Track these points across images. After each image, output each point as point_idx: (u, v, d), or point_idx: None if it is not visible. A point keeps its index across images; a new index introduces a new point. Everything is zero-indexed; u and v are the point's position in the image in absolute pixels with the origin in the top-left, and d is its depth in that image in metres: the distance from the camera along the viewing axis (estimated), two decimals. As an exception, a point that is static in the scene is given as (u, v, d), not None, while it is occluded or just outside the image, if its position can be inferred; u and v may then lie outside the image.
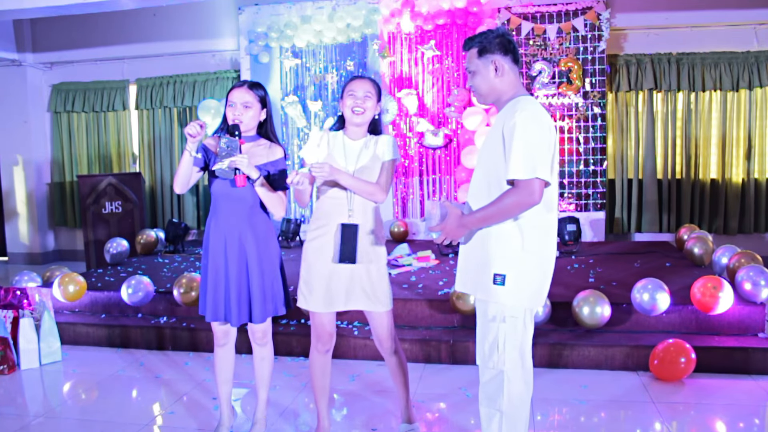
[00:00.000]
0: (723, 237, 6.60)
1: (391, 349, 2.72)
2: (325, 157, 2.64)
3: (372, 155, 2.63)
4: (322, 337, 2.69)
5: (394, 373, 2.79)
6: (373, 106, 2.61)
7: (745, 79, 6.45)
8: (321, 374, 2.76)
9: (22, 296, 4.04)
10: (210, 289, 2.67)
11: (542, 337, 3.81)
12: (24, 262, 7.98)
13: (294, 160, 7.26)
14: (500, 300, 2.13)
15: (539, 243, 2.14)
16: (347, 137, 2.67)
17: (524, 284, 2.13)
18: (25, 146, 7.97)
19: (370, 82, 2.62)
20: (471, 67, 2.24)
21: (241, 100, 2.61)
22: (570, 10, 6.56)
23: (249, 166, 2.51)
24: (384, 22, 6.87)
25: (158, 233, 6.61)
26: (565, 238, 5.77)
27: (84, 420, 3.19)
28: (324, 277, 2.59)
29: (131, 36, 7.75)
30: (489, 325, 2.17)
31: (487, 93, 2.23)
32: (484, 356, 2.19)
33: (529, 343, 2.21)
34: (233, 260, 2.64)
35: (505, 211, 2.06)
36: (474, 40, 2.24)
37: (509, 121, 2.07)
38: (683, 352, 3.40)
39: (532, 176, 2.01)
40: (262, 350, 2.82)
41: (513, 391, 2.17)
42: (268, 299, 2.69)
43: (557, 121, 6.64)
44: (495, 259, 2.13)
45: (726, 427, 2.98)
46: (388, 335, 2.68)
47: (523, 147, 2.02)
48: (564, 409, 3.20)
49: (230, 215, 2.65)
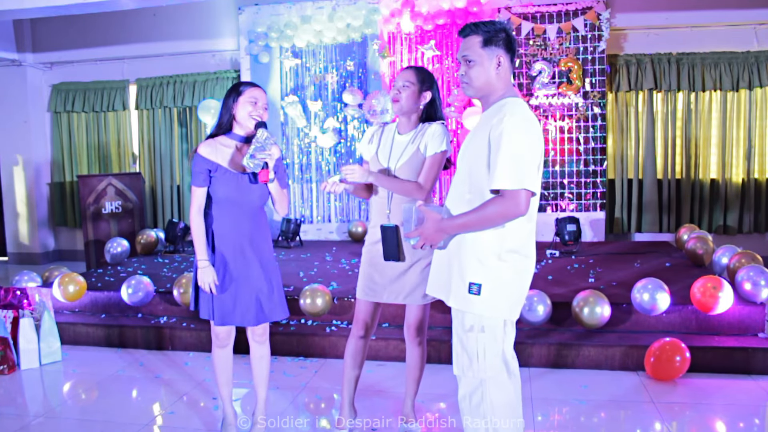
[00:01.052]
0: (723, 237, 6.60)
1: (417, 340, 2.75)
2: (372, 153, 2.68)
3: (415, 150, 2.59)
4: (358, 322, 2.76)
5: (412, 367, 2.82)
6: (411, 95, 2.57)
7: (745, 79, 6.45)
8: (353, 362, 2.79)
9: (22, 296, 4.04)
10: (222, 294, 2.67)
11: (542, 337, 3.81)
12: (24, 262, 7.97)
13: (294, 160, 7.26)
14: (476, 311, 2.05)
15: (517, 253, 2.06)
16: (398, 131, 2.67)
17: (500, 295, 2.05)
18: (25, 146, 7.97)
19: (413, 71, 2.59)
20: (472, 56, 2.09)
21: (263, 100, 2.64)
22: (570, 10, 6.56)
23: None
24: (384, 22, 6.87)
25: (158, 233, 6.61)
26: (565, 238, 5.77)
27: (84, 420, 3.19)
28: (374, 271, 2.66)
29: (131, 36, 7.74)
30: (467, 335, 2.09)
31: (481, 87, 2.11)
32: (463, 366, 2.10)
33: (511, 347, 2.14)
34: (246, 263, 2.66)
35: (488, 220, 1.99)
36: (479, 28, 2.10)
37: (497, 126, 1.99)
38: (678, 351, 3.41)
39: (519, 187, 1.94)
40: (261, 348, 2.83)
41: (498, 399, 2.09)
42: (278, 301, 2.74)
43: (557, 121, 6.64)
44: (471, 267, 2.05)
45: (726, 427, 2.98)
46: (415, 325, 2.72)
47: (510, 156, 1.94)
48: (564, 409, 3.20)
49: (239, 220, 2.65)
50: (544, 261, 5.43)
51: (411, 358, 2.81)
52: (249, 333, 2.81)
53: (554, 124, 6.65)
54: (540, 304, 3.82)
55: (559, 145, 6.67)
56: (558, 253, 5.71)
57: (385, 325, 4.11)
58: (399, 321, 4.12)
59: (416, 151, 2.58)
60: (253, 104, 2.61)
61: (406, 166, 2.58)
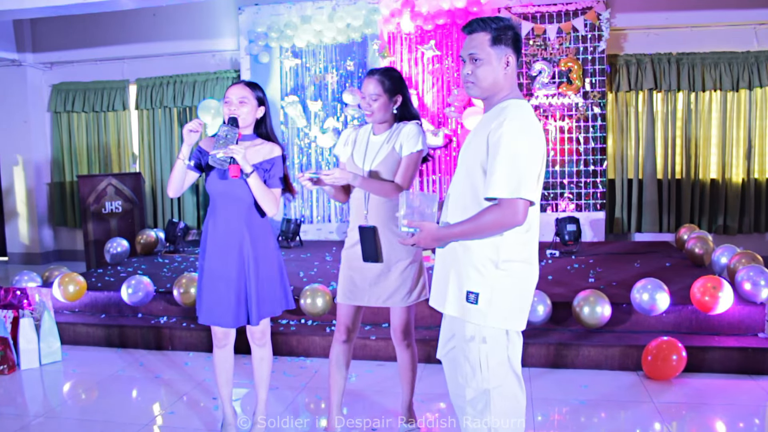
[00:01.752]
0: (723, 237, 6.60)
1: (404, 343, 2.73)
2: (348, 155, 2.67)
3: (390, 150, 2.59)
4: (340, 327, 2.73)
5: (404, 369, 2.79)
6: (381, 106, 2.56)
7: (745, 79, 6.45)
8: (337, 365, 2.77)
9: (22, 296, 4.04)
10: (206, 292, 2.66)
11: (542, 337, 3.81)
12: (24, 262, 7.98)
13: (294, 160, 7.26)
14: (474, 320, 1.99)
15: (517, 261, 1.99)
16: (372, 132, 2.66)
17: (499, 304, 1.98)
18: (25, 146, 7.97)
19: (376, 80, 2.56)
20: (480, 54, 1.99)
21: (237, 95, 2.61)
22: (570, 10, 6.56)
23: (244, 158, 2.49)
24: (384, 22, 6.87)
25: (158, 233, 6.61)
26: (565, 238, 5.77)
27: (84, 420, 3.19)
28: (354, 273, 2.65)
29: (131, 36, 7.74)
30: (468, 345, 2.02)
31: (489, 87, 2.01)
32: (467, 376, 2.03)
33: (517, 355, 2.06)
34: (231, 262, 2.63)
35: (485, 229, 1.93)
36: (488, 25, 1.99)
37: (496, 130, 1.91)
38: (675, 350, 3.41)
39: (515, 196, 1.87)
40: (261, 350, 2.82)
41: (503, 408, 2.01)
42: (265, 301, 2.69)
43: (557, 121, 6.64)
44: (468, 276, 2.00)
45: (726, 427, 2.98)
46: (400, 328, 2.69)
47: (507, 163, 1.87)
48: (564, 409, 3.20)
49: (228, 216, 2.64)
50: (544, 261, 5.42)
51: (402, 361, 2.78)
52: (248, 335, 2.80)
53: (554, 124, 6.65)
54: (540, 304, 3.82)
55: (559, 145, 6.67)
56: (558, 253, 5.71)
57: (385, 325, 4.11)
58: (399, 321, 4.13)
59: (391, 150, 2.58)
60: (228, 104, 2.62)
61: (382, 165, 2.58)
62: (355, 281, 2.65)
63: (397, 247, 2.58)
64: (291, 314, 4.23)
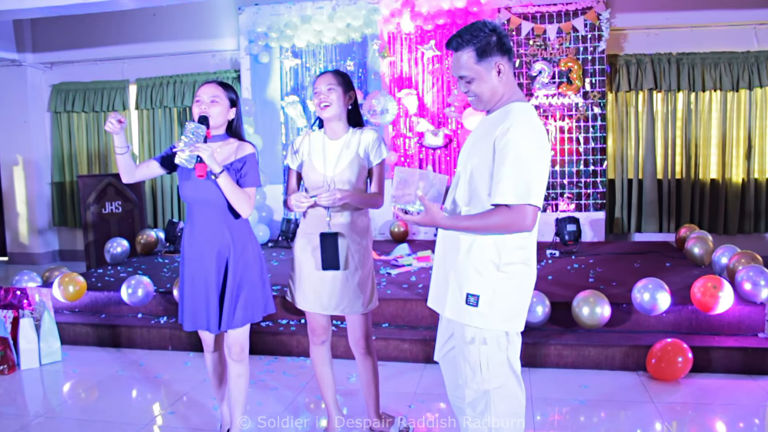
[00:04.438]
0: (723, 237, 6.60)
1: (366, 350, 2.73)
2: (301, 163, 2.66)
3: (353, 156, 2.58)
4: (315, 330, 2.73)
5: (369, 377, 2.78)
6: (339, 98, 2.56)
7: (745, 79, 6.45)
8: (321, 363, 2.77)
9: (22, 296, 4.04)
10: (188, 299, 2.58)
11: (542, 337, 3.81)
12: (24, 262, 7.97)
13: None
14: (474, 323, 1.99)
15: (517, 264, 2.00)
16: (327, 137, 2.64)
17: (500, 306, 1.98)
18: (25, 146, 7.97)
19: (332, 74, 2.59)
20: (468, 74, 2.00)
21: (208, 94, 2.52)
22: (570, 10, 6.56)
23: (212, 157, 2.37)
24: (384, 22, 6.87)
25: (158, 233, 6.61)
26: (565, 238, 5.77)
27: (84, 420, 3.19)
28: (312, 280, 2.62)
29: (131, 36, 7.74)
30: (468, 347, 2.01)
31: (490, 98, 2.03)
32: (467, 378, 2.03)
33: (517, 356, 2.06)
34: (211, 268, 2.53)
35: (490, 230, 1.94)
36: (467, 41, 1.97)
37: (503, 136, 1.90)
38: (680, 352, 3.41)
39: (525, 202, 1.88)
40: (239, 366, 2.63)
41: (503, 410, 2.01)
42: (245, 306, 2.56)
43: (557, 121, 6.64)
44: (469, 278, 1.99)
45: (726, 427, 2.98)
46: (362, 336, 2.70)
47: (516, 170, 1.87)
48: (564, 409, 3.20)
49: (206, 222, 2.54)
50: (544, 261, 5.43)
51: (365, 369, 2.76)
52: (226, 350, 2.65)
53: (554, 124, 6.65)
54: (540, 305, 3.82)
55: (559, 145, 6.67)
56: (558, 253, 5.71)
57: (385, 325, 4.11)
58: (399, 321, 4.13)
59: (355, 156, 2.58)
60: (199, 102, 2.53)
61: (348, 171, 2.56)
62: (316, 288, 2.62)
63: (355, 255, 2.59)
64: (291, 314, 4.23)
